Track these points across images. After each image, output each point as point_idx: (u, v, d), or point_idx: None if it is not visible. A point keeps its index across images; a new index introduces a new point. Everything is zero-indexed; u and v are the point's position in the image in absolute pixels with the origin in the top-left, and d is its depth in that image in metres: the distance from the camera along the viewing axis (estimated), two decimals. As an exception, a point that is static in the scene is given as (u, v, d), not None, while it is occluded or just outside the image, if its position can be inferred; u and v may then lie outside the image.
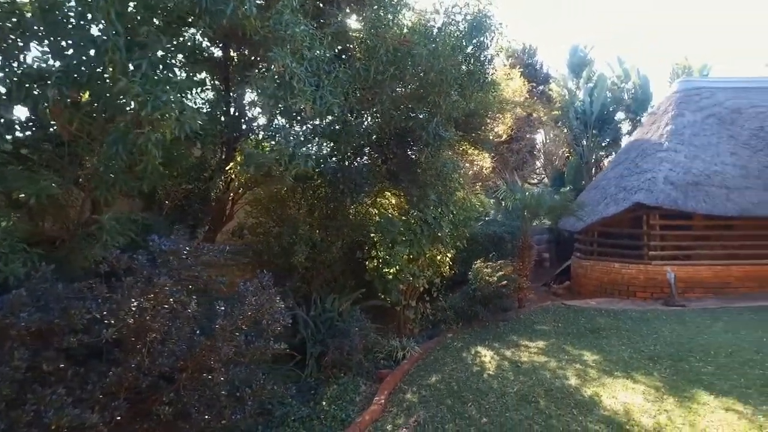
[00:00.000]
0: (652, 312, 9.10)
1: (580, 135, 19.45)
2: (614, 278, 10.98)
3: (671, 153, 11.33)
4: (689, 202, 10.10)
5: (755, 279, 10.46)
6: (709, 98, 13.03)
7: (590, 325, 8.47)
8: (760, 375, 5.43)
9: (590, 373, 6.06)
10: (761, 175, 10.55)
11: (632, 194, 10.72)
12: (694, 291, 10.41)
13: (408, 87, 7.36)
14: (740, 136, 11.61)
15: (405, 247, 7.92)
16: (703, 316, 8.44)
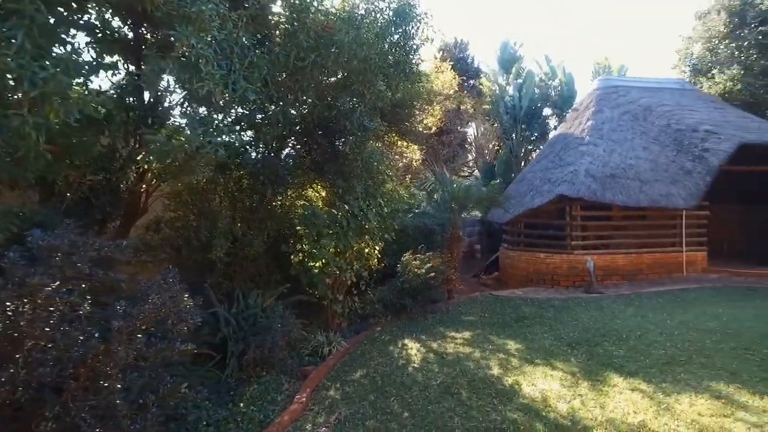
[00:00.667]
0: (574, 300, 9.47)
1: (509, 129, 20.00)
2: (539, 268, 11.37)
3: (591, 147, 11.85)
4: (607, 193, 10.60)
5: (663, 265, 11.18)
6: (625, 96, 13.76)
7: (515, 314, 8.68)
8: (662, 354, 5.75)
9: (512, 361, 6.18)
10: (668, 169, 11.26)
11: (556, 186, 11.12)
12: (611, 278, 10.97)
13: (332, 75, 7.17)
14: (651, 132, 12.33)
15: (331, 240, 7.75)
16: (618, 302, 8.88)
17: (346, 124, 7.28)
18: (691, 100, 13.78)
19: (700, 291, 9.45)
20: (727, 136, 11.05)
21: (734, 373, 5.02)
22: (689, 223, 11.34)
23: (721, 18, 17.22)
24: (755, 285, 9.80)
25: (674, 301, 8.66)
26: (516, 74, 21.19)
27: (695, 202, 10.66)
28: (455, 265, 10.73)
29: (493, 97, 20.40)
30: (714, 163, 10.72)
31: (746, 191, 13.73)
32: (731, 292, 9.24)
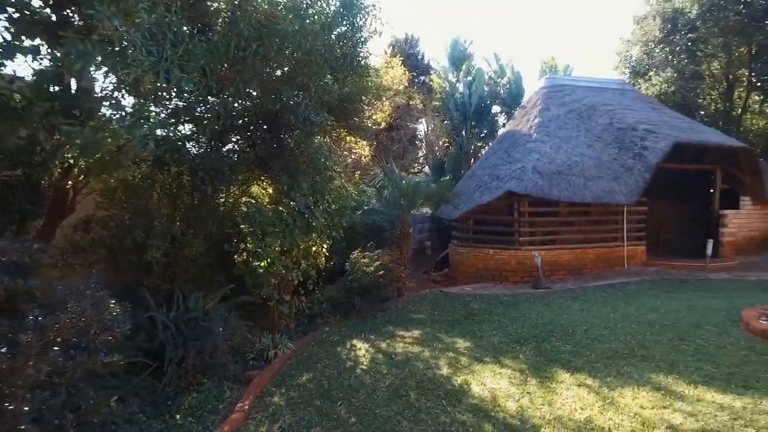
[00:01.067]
0: (522, 295, 9.60)
1: (459, 126, 20.18)
2: (488, 264, 11.48)
3: (539, 144, 12.06)
4: (554, 189, 10.82)
5: (606, 260, 11.55)
6: (571, 95, 14.12)
7: (465, 311, 8.69)
8: (606, 349, 5.86)
9: (462, 360, 6.13)
10: (611, 166, 11.63)
11: (504, 183, 11.24)
12: (558, 273, 11.22)
13: (275, 66, 6.87)
14: (594, 131, 12.71)
15: (277, 238, 7.47)
16: (564, 297, 9.07)
17: (291, 118, 7.00)
18: (630, 100, 14.33)
19: (640, 284, 9.81)
20: (663, 135, 11.54)
21: (672, 364, 5.16)
22: (630, 218, 11.77)
23: (656, 23, 18.02)
24: (687, 277, 10.28)
25: (617, 295, 8.93)
26: (466, 72, 21.40)
27: (635, 198, 11.06)
28: (405, 263, 10.67)
29: (443, 94, 20.51)
30: (652, 161, 11.15)
31: (678, 188, 14.46)
32: (667, 284, 9.64)
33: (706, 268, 10.84)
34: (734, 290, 8.67)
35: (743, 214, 12.89)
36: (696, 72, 16.97)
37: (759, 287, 8.88)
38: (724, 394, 4.41)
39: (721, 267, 11.06)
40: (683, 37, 17.06)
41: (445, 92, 20.65)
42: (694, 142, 11.56)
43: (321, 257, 8.90)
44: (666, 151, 11.14)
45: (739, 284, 9.23)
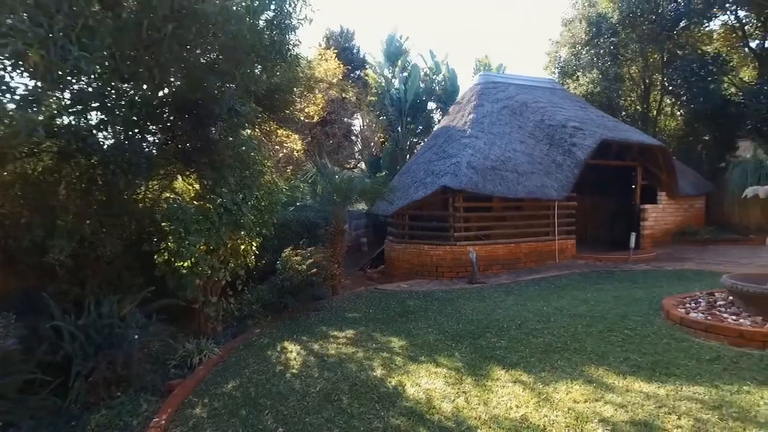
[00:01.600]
0: (457, 291, 9.57)
1: (395, 121, 20.12)
2: (424, 260, 11.40)
3: (473, 140, 12.13)
4: (488, 185, 10.89)
5: (539, 254, 11.82)
6: (504, 92, 14.35)
7: (400, 308, 8.52)
8: (540, 343, 5.86)
9: (396, 360, 5.92)
10: (543, 162, 11.90)
11: (439, 178, 11.19)
12: (492, 268, 11.34)
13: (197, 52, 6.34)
14: (527, 127, 12.97)
15: (201, 236, 6.95)
16: (499, 292, 9.13)
17: (214, 108, 6.51)
18: (560, 99, 14.78)
19: (571, 277, 10.07)
20: (590, 132, 11.95)
21: (602, 356, 5.21)
22: (560, 213, 12.11)
23: (582, 26, 18.77)
24: (613, 269, 10.69)
25: (549, 288, 9.10)
26: (402, 67, 21.36)
27: (566, 193, 11.37)
28: (339, 260, 10.39)
29: (378, 89, 20.35)
30: (581, 157, 11.51)
31: (602, 183, 15.12)
32: (595, 276, 9.96)
33: (630, 260, 11.34)
34: (654, 280, 9.07)
35: (660, 208, 13.66)
36: (618, 74, 17.84)
37: (675, 276, 9.35)
38: (649, 383, 4.47)
39: (642, 258, 11.61)
40: (606, 41, 17.87)
41: (381, 87, 20.49)
42: (618, 139, 12.07)
43: (250, 256, 8.46)
44: (593, 147, 11.54)
45: (658, 274, 9.68)
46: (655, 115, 19.24)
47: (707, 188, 14.74)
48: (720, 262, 10.65)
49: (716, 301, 6.30)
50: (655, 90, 19.45)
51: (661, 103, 19.22)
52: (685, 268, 10.07)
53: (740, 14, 17.60)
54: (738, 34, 18.05)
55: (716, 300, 6.36)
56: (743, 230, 12.89)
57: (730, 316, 5.64)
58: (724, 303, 6.17)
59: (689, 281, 8.70)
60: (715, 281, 8.52)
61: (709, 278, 8.82)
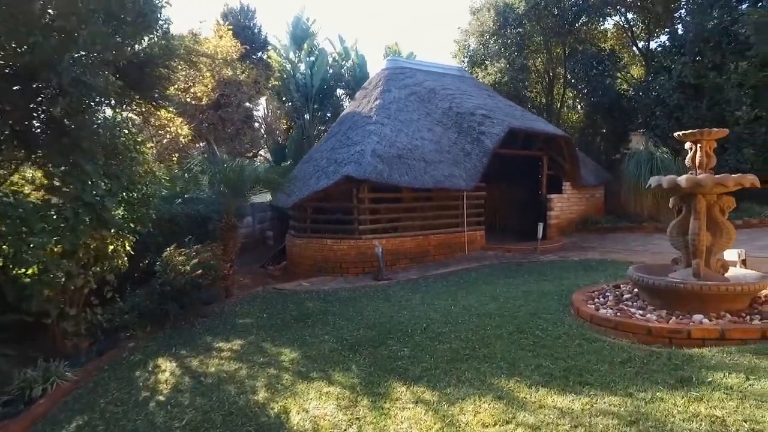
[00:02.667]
0: (362, 289, 8.83)
1: (301, 108, 18.99)
2: (328, 255, 10.54)
3: (379, 126, 11.41)
4: (394, 174, 10.22)
5: (448, 246, 11.39)
6: (412, 78, 13.78)
7: (298, 311, 7.61)
8: (447, 350, 5.22)
9: (284, 378, 5.02)
10: (451, 151, 11.46)
11: (342, 167, 10.36)
12: (400, 262, 10.73)
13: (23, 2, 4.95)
14: (435, 114, 12.49)
15: (49, 236, 5.61)
16: (406, 289, 8.49)
17: (51, 77, 5.15)
18: (469, 87, 14.49)
19: (480, 270, 9.69)
20: (498, 120, 11.68)
21: (513, 364, 4.67)
22: (470, 203, 11.76)
23: (490, 15, 18.75)
24: (521, 260, 10.50)
25: (458, 283, 8.60)
26: (308, 51, 20.22)
27: (475, 183, 11.00)
28: (232, 258, 9.26)
29: (283, 73, 19.08)
30: (489, 146, 11.20)
31: (510, 172, 15.14)
32: (504, 269, 9.65)
33: (537, 251, 11.24)
34: (562, 271, 8.90)
35: (565, 198, 13.84)
36: (524, 65, 18.02)
37: (581, 267, 9.26)
38: (563, 394, 3.95)
39: (549, 249, 11.58)
40: (513, 31, 17.96)
41: (286, 72, 19.24)
42: (525, 128, 11.92)
43: (122, 257, 7.20)
44: (501, 136, 11.28)
45: (565, 265, 9.57)
46: (558, 107, 19.77)
47: (606, 178, 15.23)
48: (619, 250, 10.83)
49: (623, 294, 6.05)
50: (558, 83, 19.98)
51: (563, 96, 19.77)
52: (590, 258, 10.08)
53: (629, 16, 18.50)
54: (628, 35, 18.96)
55: (623, 293, 6.11)
56: (637, 218, 13.37)
57: (637, 310, 5.35)
58: (630, 296, 5.92)
59: (594, 271, 8.59)
60: (617, 270, 8.48)
61: (612, 268, 8.80)
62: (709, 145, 5.51)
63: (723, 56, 13.38)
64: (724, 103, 13.16)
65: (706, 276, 5.29)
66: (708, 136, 5.44)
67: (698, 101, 13.69)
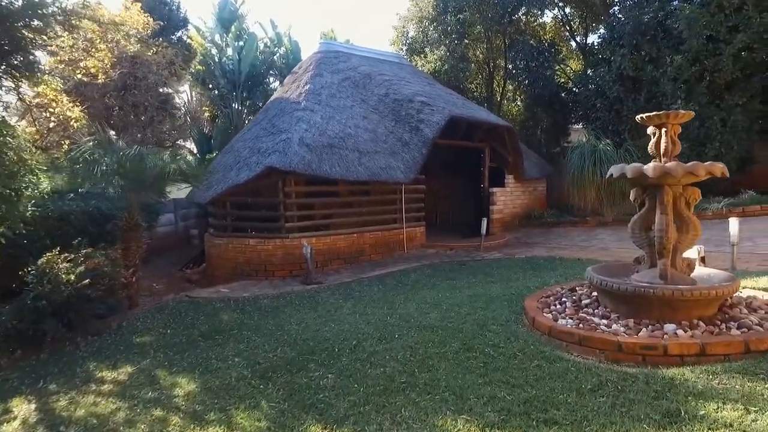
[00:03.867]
0: (287, 296, 7.71)
1: (228, 96, 17.45)
2: (251, 257, 9.30)
3: (308, 113, 10.28)
4: (324, 165, 9.14)
5: (385, 244, 10.46)
6: (346, 62, 12.74)
7: (208, 326, 6.41)
8: (380, 376, 4.23)
9: (172, 423, 3.86)
10: (388, 140, 10.51)
11: (265, 157, 9.15)
12: (333, 263, 9.68)
13: None
14: (371, 101, 11.50)
15: None
16: (336, 295, 7.46)
17: None
18: (408, 74, 13.63)
19: (420, 271, 8.81)
20: (438, 108, 10.86)
21: (461, 395, 3.74)
22: (408, 197, 10.90)
23: (430, 1, 17.97)
24: (465, 258, 9.74)
25: (396, 287, 7.67)
26: (236, 35, 18.66)
27: (413, 175, 10.11)
28: (135, 263, 7.88)
29: (207, 58, 17.43)
30: (429, 135, 10.35)
31: (452, 165, 14.47)
32: (447, 269, 8.83)
33: (481, 248, 10.53)
34: (509, 271, 8.18)
35: (508, 191, 13.29)
36: (464, 54, 17.37)
37: (528, 265, 8.60)
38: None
39: (493, 246, 10.92)
40: (453, 18, 17.26)
41: (210, 56, 17.59)
42: (466, 117, 11.17)
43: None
44: (441, 125, 10.45)
45: (511, 263, 8.87)
46: (499, 99, 19.35)
47: (549, 171, 14.87)
48: (565, 246, 10.33)
49: (581, 299, 5.32)
50: (499, 75, 19.58)
51: (504, 88, 19.38)
52: (536, 255, 9.47)
53: (567, 11, 18.36)
54: (566, 28, 18.83)
55: (580, 297, 5.38)
56: (580, 212, 13.04)
57: (601, 320, 4.62)
58: (590, 301, 5.20)
59: (543, 270, 7.93)
60: (567, 269, 7.86)
61: (561, 266, 8.19)
62: (674, 130, 4.85)
63: (659, 50, 13.28)
64: (660, 96, 13.04)
65: (674, 278, 4.62)
66: (674, 119, 4.77)
67: (637, 93, 13.54)
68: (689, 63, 12.54)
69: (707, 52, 12.41)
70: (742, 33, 11.92)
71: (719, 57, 12.23)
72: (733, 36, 12.07)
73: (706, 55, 12.43)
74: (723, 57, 12.14)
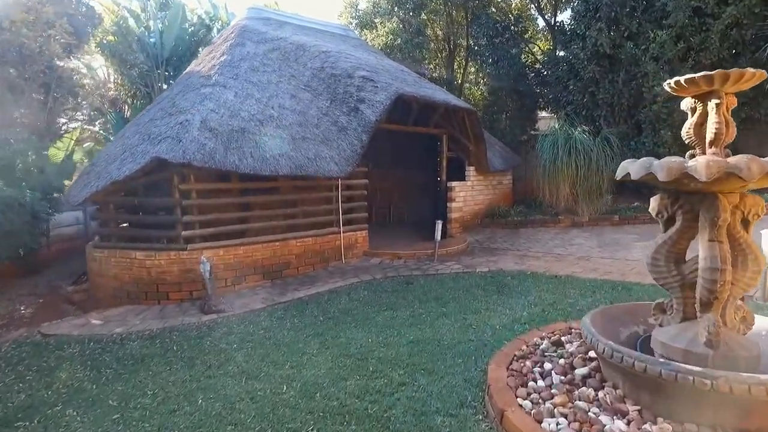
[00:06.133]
0: (169, 335, 5.62)
1: (150, 74, 14.95)
2: (139, 275, 7.12)
3: (219, 89, 8.10)
4: (231, 156, 7.02)
5: (317, 254, 8.45)
6: (277, 30, 10.59)
7: (25, 395, 4.28)
8: None
9: None
10: (320, 124, 8.45)
11: (154, 145, 6.96)
12: (249, 279, 7.61)
13: None
14: (302, 77, 9.39)
15: None
16: (232, 336, 5.40)
17: None
18: (353, 48, 11.54)
19: (355, 292, 6.83)
20: (384, 85, 8.83)
21: None
22: (346, 195, 8.90)
23: (382, -33, 15.91)
24: (414, 272, 7.84)
25: (315, 322, 5.66)
26: (161, 4, 16.11)
27: (351, 168, 8.09)
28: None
29: (122, 28, 14.85)
30: (370, 118, 8.34)
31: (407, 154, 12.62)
32: (389, 290, 6.89)
33: (436, 257, 8.63)
34: (467, 294, 6.31)
35: (469, 185, 11.45)
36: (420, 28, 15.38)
37: (493, 285, 6.76)
38: None
39: (451, 253, 9.06)
40: (408, -11, 15.26)
41: (125, 26, 15.01)
42: (420, 96, 9.18)
43: None
44: (386, 105, 8.44)
45: (471, 281, 7.01)
46: (460, 82, 17.51)
47: (515, 162, 13.13)
48: (537, 254, 8.57)
49: (572, 365, 3.48)
50: (461, 56, 17.73)
51: (466, 69, 17.54)
52: (502, 268, 7.64)
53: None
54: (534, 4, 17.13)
55: (572, 362, 3.53)
56: (551, 209, 11.36)
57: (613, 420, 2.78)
58: (587, 371, 3.35)
59: (512, 295, 6.08)
60: (543, 294, 6.04)
61: (534, 287, 6.37)
62: (729, 103, 3.05)
63: (640, 24, 11.64)
64: (641, 77, 11.45)
65: (727, 343, 2.82)
66: (734, 83, 2.96)
67: (614, 74, 11.89)
68: (673, 40, 10.96)
69: (693, 27, 10.86)
70: (732, 6, 10.40)
71: (706, 34, 10.70)
72: (722, 9, 10.55)
73: (692, 31, 10.88)
74: (711, 34, 10.61)
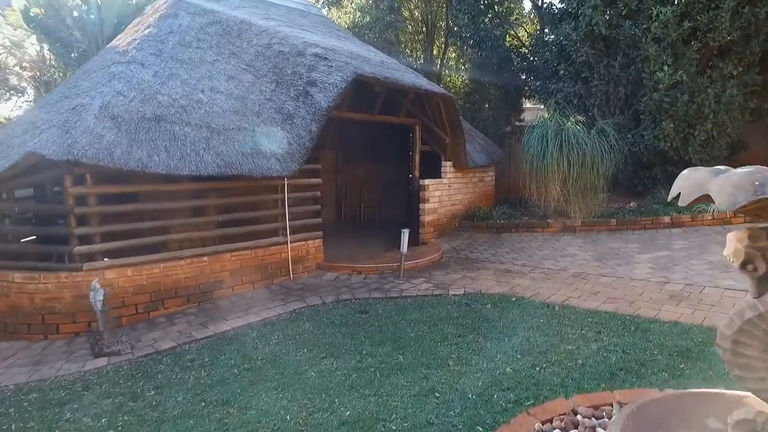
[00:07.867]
0: (28, 397, 4.12)
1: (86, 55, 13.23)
2: (18, 302, 5.55)
3: (134, 67, 6.52)
4: (137, 151, 5.47)
5: (258, 270, 6.95)
6: (222, 2, 8.99)
7: None
8: None
9: None
10: (262, 111, 6.93)
11: (35, 137, 5.39)
12: (168, 304, 6.10)
13: None
14: (244, 55, 7.84)
15: None
16: (113, 395, 3.88)
17: None
18: (312, 24, 10.01)
19: (294, 325, 5.36)
20: (340, 64, 7.31)
21: None
22: (294, 198, 7.39)
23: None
24: (374, 293, 6.42)
25: (226, 379, 4.18)
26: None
27: (297, 165, 6.60)
28: None
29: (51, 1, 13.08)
30: (322, 104, 6.83)
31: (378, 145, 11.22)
32: (337, 322, 5.44)
33: (402, 274, 7.19)
34: (435, 333, 4.88)
35: (446, 184, 10.02)
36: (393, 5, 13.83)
37: (468, 317, 5.36)
38: None
39: (420, 265, 7.66)
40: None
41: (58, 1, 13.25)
42: (383, 78, 7.69)
43: None
44: (341, 87, 6.94)
45: (441, 311, 5.57)
46: (439, 68, 16.06)
47: (499, 156, 11.75)
48: (524, 269, 7.20)
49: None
50: (440, 39, 16.27)
51: (445, 53, 16.08)
52: (481, 289, 6.23)
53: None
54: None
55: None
56: (539, 211, 10.03)
57: None
58: None
59: (492, 335, 4.67)
60: (532, 332, 4.63)
61: (521, 322, 4.97)
62: None
63: (640, 1, 10.27)
64: (641, 62, 10.12)
65: None
66: None
67: (611, 58, 10.54)
68: (678, 19, 9.63)
69: (701, 4, 9.54)
70: (746, -22, 9.13)
71: (716, 12, 9.38)
72: (734, -18, 9.24)
73: (700, 8, 9.55)
74: (721, 12, 9.30)
